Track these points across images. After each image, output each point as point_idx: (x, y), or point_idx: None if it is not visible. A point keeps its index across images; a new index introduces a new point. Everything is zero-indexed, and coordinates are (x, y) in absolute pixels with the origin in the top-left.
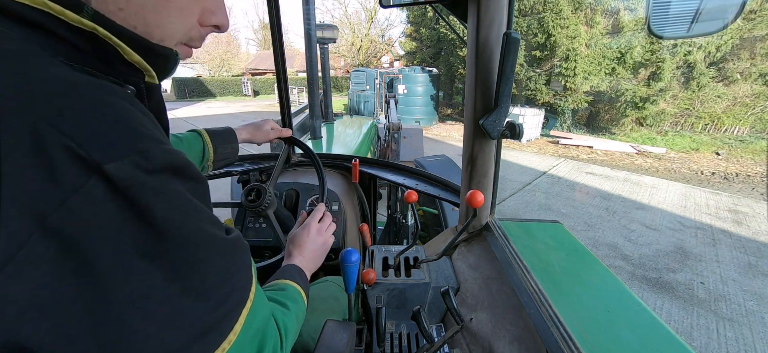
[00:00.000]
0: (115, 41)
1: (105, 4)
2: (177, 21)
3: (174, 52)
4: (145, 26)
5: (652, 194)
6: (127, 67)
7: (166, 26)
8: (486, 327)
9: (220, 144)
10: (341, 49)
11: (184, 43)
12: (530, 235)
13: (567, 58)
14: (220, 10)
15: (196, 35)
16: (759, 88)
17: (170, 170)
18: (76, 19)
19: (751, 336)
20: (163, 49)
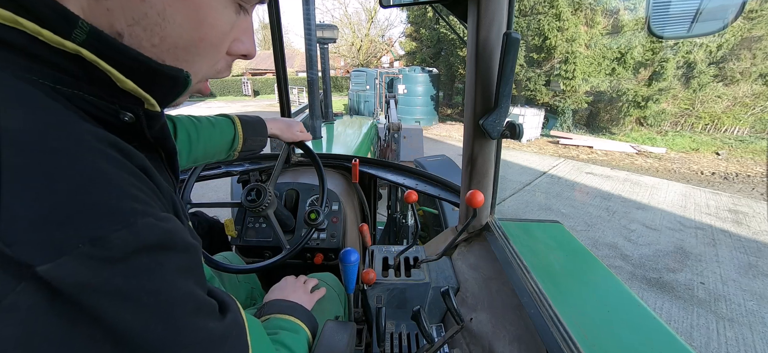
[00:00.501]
0: (104, 67)
1: (139, 40)
2: (207, 58)
3: (183, 74)
4: (175, 61)
5: (652, 194)
6: (122, 93)
7: (194, 63)
8: (486, 327)
9: (251, 135)
10: (341, 49)
11: (207, 78)
12: (530, 235)
13: (566, 61)
14: (248, 38)
15: (222, 66)
16: (759, 88)
17: (143, 251)
18: (55, 40)
19: (751, 336)
20: (170, 68)
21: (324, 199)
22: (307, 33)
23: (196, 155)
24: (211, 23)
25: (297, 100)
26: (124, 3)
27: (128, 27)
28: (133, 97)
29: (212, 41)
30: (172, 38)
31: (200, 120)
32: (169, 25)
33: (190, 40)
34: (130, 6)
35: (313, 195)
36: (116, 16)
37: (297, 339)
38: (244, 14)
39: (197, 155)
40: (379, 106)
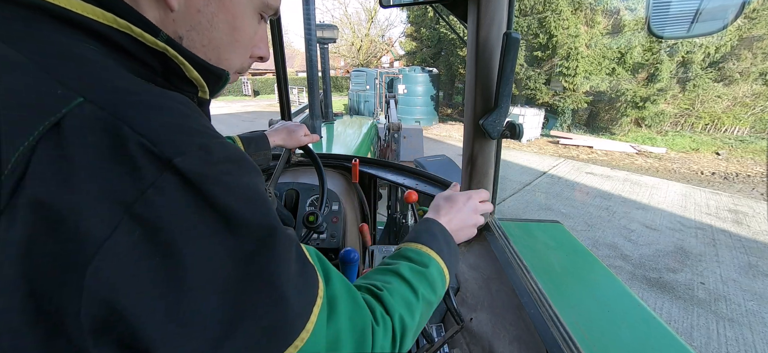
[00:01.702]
0: (180, 60)
1: (193, 41)
2: (239, 55)
3: (226, 72)
4: (217, 58)
5: (652, 194)
6: (186, 82)
7: (230, 59)
8: (486, 327)
9: (253, 151)
10: (341, 49)
11: (236, 71)
12: (530, 235)
13: (568, 57)
14: (264, 44)
15: (246, 65)
16: (759, 88)
17: (229, 162)
18: (152, 41)
19: (751, 336)
20: (218, 69)
21: (324, 201)
22: (307, 33)
23: None
24: (243, 29)
25: (297, 100)
26: (185, 15)
27: (187, 32)
28: (191, 85)
29: (243, 43)
30: (216, 40)
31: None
32: (215, 30)
33: (228, 42)
34: (189, 17)
35: (313, 195)
36: (179, 24)
37: (422, 273)
38: (263, 23)
39: None
40: (379, 106)
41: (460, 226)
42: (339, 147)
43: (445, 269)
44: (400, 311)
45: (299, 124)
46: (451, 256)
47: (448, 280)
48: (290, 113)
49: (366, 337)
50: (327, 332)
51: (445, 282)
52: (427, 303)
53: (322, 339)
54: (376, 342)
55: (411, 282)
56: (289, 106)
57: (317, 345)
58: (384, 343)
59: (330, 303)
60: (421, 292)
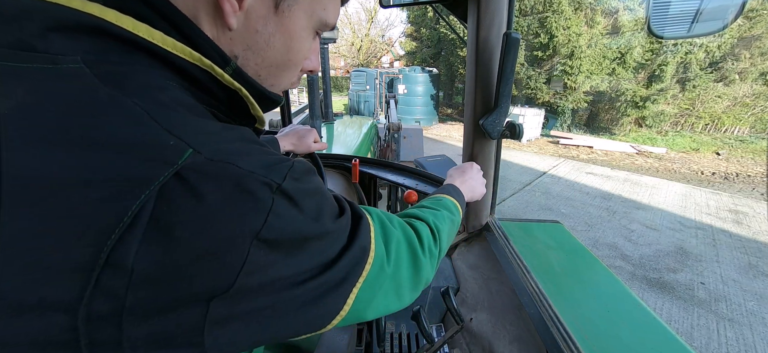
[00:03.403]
0: (250, 100)
1: (248, 60)
2: (291, 73)
3: (281, 98)
4: (268, 77)
5: (653, 194)
6: (249, 117)
7: (281, 77)
8: (486, 327)
9: None
10: (341, 49)
11: (284, 88)
12: (530, 235)
13: (572, 55)
14: (316, 57)
15: (296, 80)
16: (759, 88)
17: (304, 174)
18: (229, 81)
19: (751, 337)
20: (276, 95)
21: None
22: None
23: None
24: (298, 48)
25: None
26: (243, 35)
27: (243, 51)
28: (252, 118)
29: (296, 61)
30: (271, 59)
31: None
32: (271, 49)
33: (282, 61)
34: (246, 36)
35: None
36: (235, 43)
37: (437, 202)
38: (316, 38)
39: None
40: (379, 106)
41: (473, 185)
42: (339, 147)
43: (455, 201)
44: (430, 217)
45: (309, 128)
46: (459, 197)
47: (461, 210)
48: (290, 113)
49: (411, 235)
50: (385, 247)
51: (459, 210)
52: (450, 220)
53: (382, 250)
54: (421, 235)
55: (431, 207)
56: (289, 106)
57: (380, 254)
58: (427, 233)
59: (381, 225)
60: (442, 211)
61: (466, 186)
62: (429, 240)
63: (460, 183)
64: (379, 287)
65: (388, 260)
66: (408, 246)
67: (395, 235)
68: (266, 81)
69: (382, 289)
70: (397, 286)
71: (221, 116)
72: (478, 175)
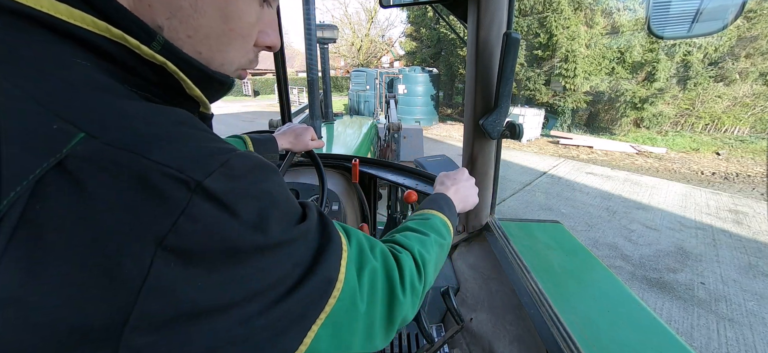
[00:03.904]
0: (180, 76)
1: (176, 32)
2: (238, 47)
3: (230, 79)
4: (210, 52)
5: (653, 194)
6: (186, 99)
7: (227, 53)
8: (486, 327)
9: (262, 153)
10: (341, 49)
11: (241, 68)
12: (530, 235)
13: (566, 60)
14: (273, 30)
15: (252, 57)
16: (759, 88)
17: (250, 171)
18: (149, 54)
19: (751, 337)
20: (221, 75)
21: (323, 203)
22: (307, 33)
23: None
24: (238, 15)
25: (297, 100)
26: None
27: (167, 20)
28: (192, 101)
29: (241, 32)
30: (205, 29)
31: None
32: (201, 16)
33: (220, 31)
34: (166, 1)
35: (313, 195)
36: (156, 10)
37: (425, 223)
38: (268, 7)
39: None
40: (379, 106)
41: (465, 195)
42: (339, 147)
43: (445, 218)
44: (416, 246)
45: (306, 126)
46: (450, 212)
47: (451, 227)
48: (290, 113)
49: (392, 266)
50: (357, 277)
51: (449, 228)
52: (439, 245)
53: (354, 282)
54: (404, 268)
55: (418, 229)
56: (289, 106)
57: (352, 287)
58: (411, 266)
59: (358, 253)
60: (430, 234)
61: (458, 196)
62: (412, 275)
63: (453, 193)
64: (346, 325)
65: (361, 294)
66: (386, 281)
67: (372, 266)
68: (210, 58)
69: (349, 329)
70: (369, 326)
71: (157, 100)
72: (470, 182)
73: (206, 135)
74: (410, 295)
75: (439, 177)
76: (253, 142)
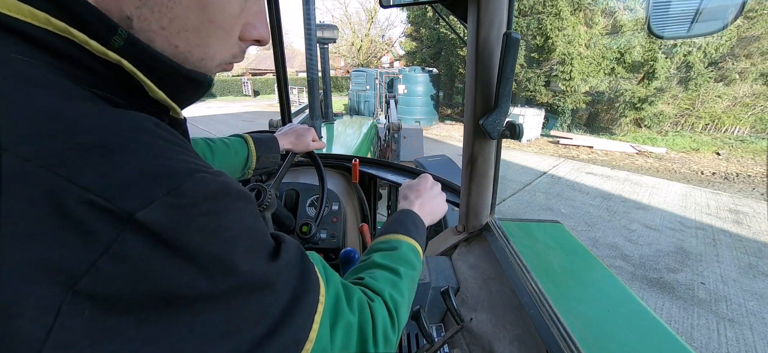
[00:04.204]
0: (139, 77)
1: (148, 23)
2: (220, 41)
3: (208, 78)
4: (187, 45)
5: (653, 194)
6: (152, 102)
7: (207, 47)
8: (486, 327)
9: (264, 152)
10: (341, 49)
11: (225, 63)
12: (530, 235)
13: (563, 62)
14: (261, 23)
15: (236, 51)
16: (759, 88)
17: (208, 200)
18: (100, 51)
19: (751, 337)
20: (198, 74)
21: (323, 203)
22: (307, 33)
23: None
24: (219, 5)
25: (297, 100)
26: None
27: (136, 10)
28: (160, 105)
29: (222, 24)
30: (181, 20)
31: (214, 141)
32: (176, 5)
33: (198, 22)
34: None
35: (313, 195)
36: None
37: (394, 255)
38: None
39: None
40: (379, 106)
41: (432, 207)
42: (339, 147)
43: (415, 244)
44: (387, 289)
45: (308, 127)
46: (419, 233)
47: (421, 252)
48: (290, 113)
49: (366, 319)
50: (330, 333)
51: (420, 255)
52: (410, 279)
53: (326, 340)
54: (376, 320)
55: (388, 265)
56: (289, 106)
57: (322, 347)
58: (383, 315)
59: (334, 304)
60: (400, 269)
61: (424, 209)
62: (385, 326)
63: (418, 207)
64: None
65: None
66: (359, 336)
67: (347, 320)
68: (188, 53)
69: None
70: None
71: (122, 103)
72: (435, 190)
73: (167, 148)
74: (383, 347)
75: (401, 190)
76: (254, 141)
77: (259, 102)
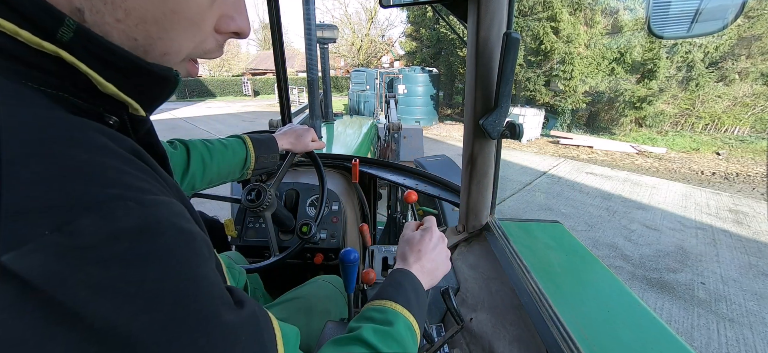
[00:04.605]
0: (83, 69)
1: (101, 15)
2: (186, 34)
3: (173, 73)
4: (147, 39)
5: (653, 194)
6: (104, 97)
7: (171, 40)
8: (486, 327)
9: (263, 153)
10: (341, 49)
11: (193, 58)
12: (530, 235)
13: (563, 62)
14: (240, 14)
15: (212, 46)
16: (759, 88)
17: (119, 239)
18: (33, 41)
19: (751, 337)
20: (161, 68)
21: (323, 204)
22: (307, 33)
23: (211, 177)
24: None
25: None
26: None
27: (87, 1)
28: (115, 101)
29: (188, 15)
30: (138, 11)
31: (213, 142)
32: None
33: (159, 13)
34: None
35: (313, 195)
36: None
37: (387, 333)
38: None
39: (211, 177)
40: (379, 105)
41: (433, 267)
42: (339, 147)
43: (413, 322)
44: None
45: (307, 127)
46: (420, 307)
47: (418, 334)
48: (290, 113)
49: None
50: None
51: (415, 336)
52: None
53: None
54: None
55: (377, 348)
56: (289, 106)
57: None
58: None
59: None
60: (391, 347)
61: (424, 271)
62: None
63: (418, 270)
64: None
65: None
66: None
67: None
68: (149, 47)
69: None
70: None
71: (72, 99)
72: (439, 246)
73: (91, 164)
74: None
75: (400, 243)
76: (253, 142)
77: (259, 102)
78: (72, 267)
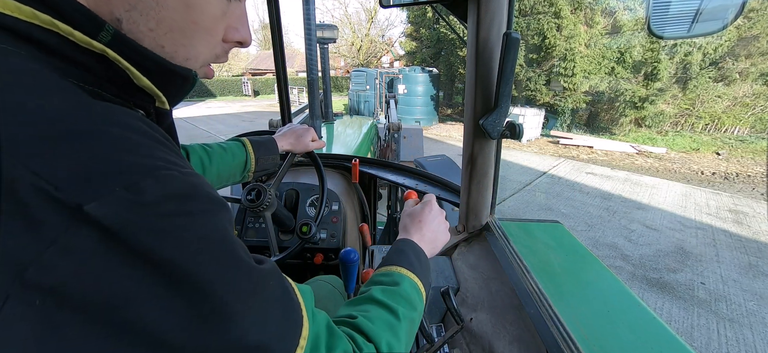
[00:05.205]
0: (124, 65)
1: (136, 24)
2: (203, 42)
3: (193, 73)
4: (173, 46)
5: (653, 194)
6: (137, 90)
7: (192, 47)
8: (486, 327)
9: (263, 155)
10: (341, 49)
11: (208, 63)
12: (530, 235)
13: (565, 58)
14: (243, 26)
15: (220, 52)
16: (759, 88)
17: (172, 200)
18: (85, 41)
19: (751, 337)
20: (183, 69)
21: (323, 204)
22: (307, 33)
23: (210, 180)
24: (202, 7)
25: (297, 100)
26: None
27: (126, 13)
28: (146, 95)
29: (205, 25)
30: (167, 22)
31: (212, 146)
32: (163, 9)
33: (183, 24)
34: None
35: (313, 195)
36: (114, 3)
37: (394, 291)
38: (236, 1)
39: (211, 180)
40: (379, 106)
41: (433, 237)
42: (339, 147)
43: (418, 282)
44: (384, 336)
45: (307, 127)
46: (423, 270)
47: (424, 293)
48: (290, 113)
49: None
50: None
51: (422, 295)
52: (409, 321)
53: None
54: None
55: (387, 304)
56: (289, 106)
57: None
58: None
59: (314, 343)
60: (399, 309)
61: (425, 240)
62: None
63: (419, 239)
64: None
65: None
66: None
67: None
68: (174, 53)
69: None
70: None
71: (108, 95)
72: (438, 218)
73: (140, 143)
74: None
75: (402, 218)
76: (252, 144)
77: (259, 102)
78: (141, 217)
